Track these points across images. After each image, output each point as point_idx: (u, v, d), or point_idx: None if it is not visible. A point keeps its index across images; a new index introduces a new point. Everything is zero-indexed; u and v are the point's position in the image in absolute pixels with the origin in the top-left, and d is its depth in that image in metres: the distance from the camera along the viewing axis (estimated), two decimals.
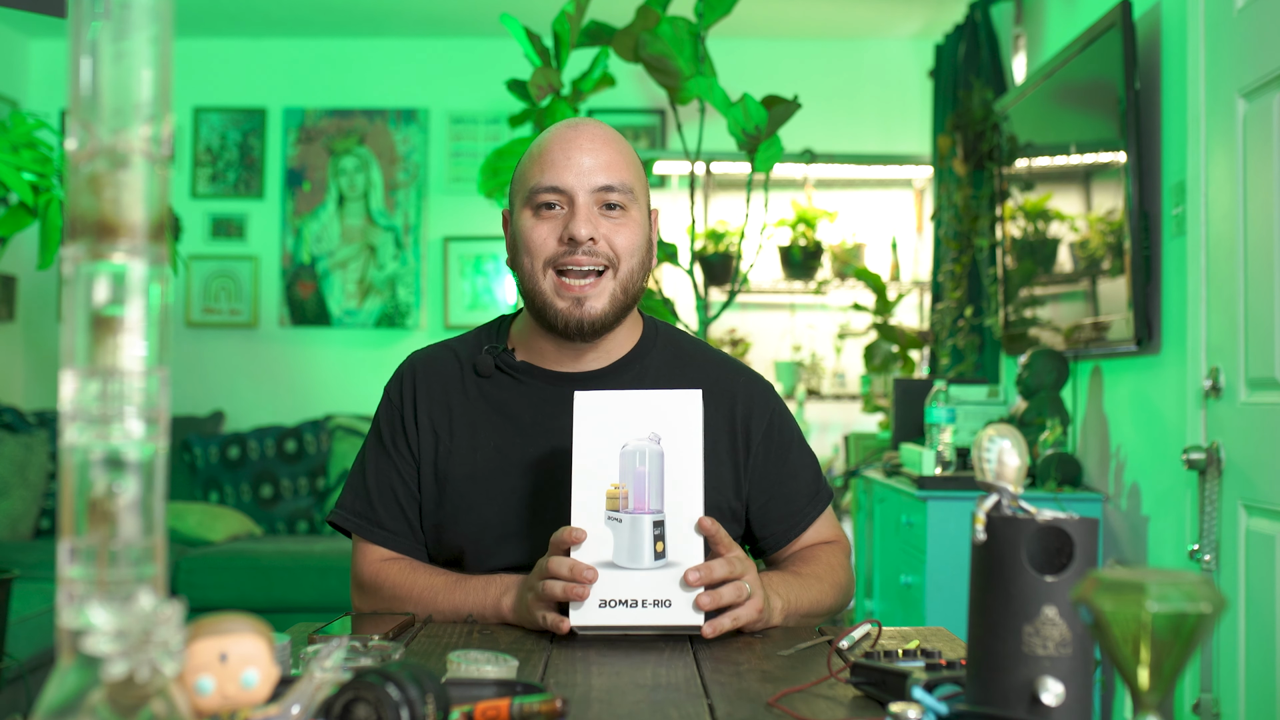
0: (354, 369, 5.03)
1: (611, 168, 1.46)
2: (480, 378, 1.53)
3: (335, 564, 4.07)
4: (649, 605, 1.28)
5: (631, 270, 1.47)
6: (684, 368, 1.56)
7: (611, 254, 1.46)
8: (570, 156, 1.46)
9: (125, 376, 0.62)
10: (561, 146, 1.47)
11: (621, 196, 1.46)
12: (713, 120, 3.86)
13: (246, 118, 5.08)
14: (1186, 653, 0.71)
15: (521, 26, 2.84)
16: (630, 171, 1.48)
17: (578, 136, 1.47)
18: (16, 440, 4.38)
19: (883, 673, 1.06)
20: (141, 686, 0.60)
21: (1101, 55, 3.00)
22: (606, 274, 1.46)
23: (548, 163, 1.46)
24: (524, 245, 1.47)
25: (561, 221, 1.45)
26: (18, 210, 2.14)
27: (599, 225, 1.45)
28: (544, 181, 1.45)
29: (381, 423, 1.57)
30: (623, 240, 1.46)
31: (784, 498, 1.56)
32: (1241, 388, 2.42)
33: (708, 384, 1.49)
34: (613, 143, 1.49)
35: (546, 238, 1.45)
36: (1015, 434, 0.91)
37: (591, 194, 1.45)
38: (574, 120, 1.52)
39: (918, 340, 4.31)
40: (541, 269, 1.46)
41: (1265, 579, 2.31)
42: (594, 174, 1.45)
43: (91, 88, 0.62)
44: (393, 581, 1.49)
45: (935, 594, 3.11)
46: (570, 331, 1.47)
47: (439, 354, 1.58)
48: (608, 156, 1.47)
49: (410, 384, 1.56)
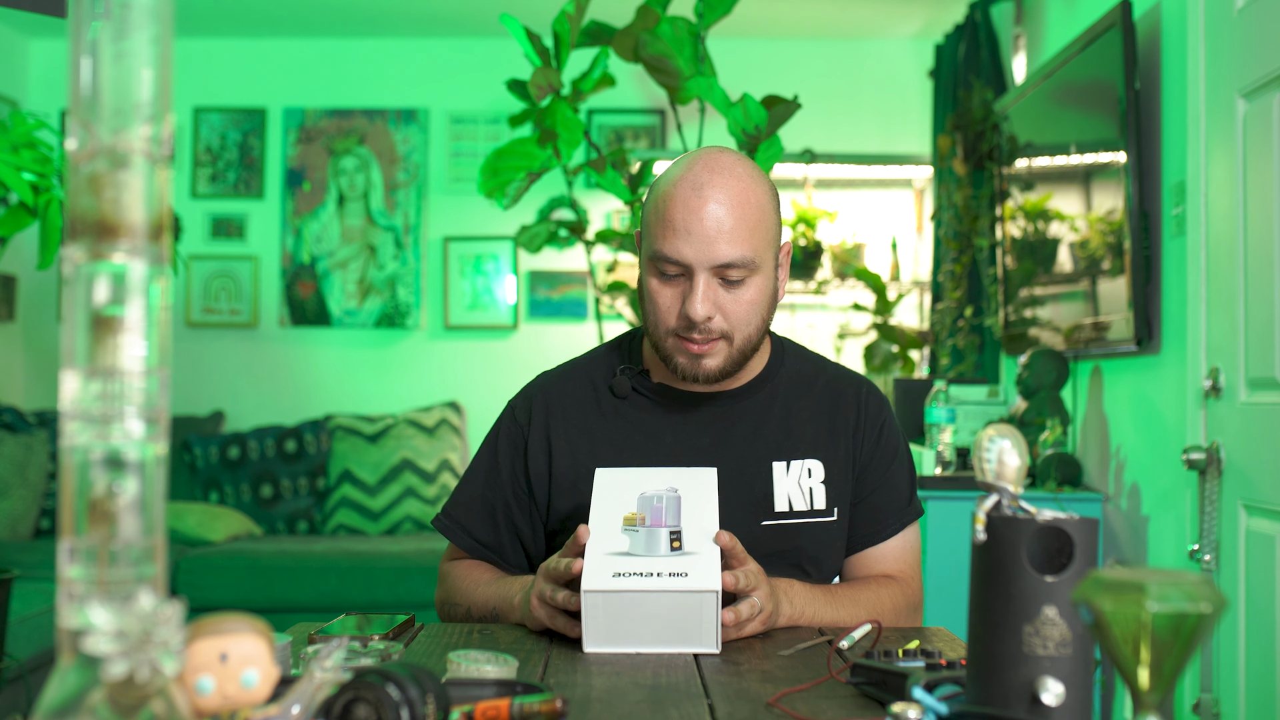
0: (354, 369, 5.03)
1: (735, 240, 1.42)
2: (617, 398, 1.56)
3: (335, 564, 4.07)
4: (663, 574, 1.25)
5: (749, 335, 1.48)
6: (810, 383, 1.59)
7: (727, 326, 1.46)
8: (691, 228, 1.42)
9: (125, 376, 0.62)
10: (684, 214, 1.42)
11: (741, 271, 1.44)
12: (713, 120, 3.86)
13: (246, 118, 5.08)
14: (1186, 653, 0.71)
15: (521, 26, 2.84)
16: (755, 236, 1.44)
17: (701, 204, 1.42)
18: (16, 440, 4.38)
19: (883, 673, 1.06)
20: (141, 686, 0.60)
21: (1101, 55, 3.00)
22: (722, 340, 1.47)
23: (669, 228, 1.43)
24: (649, 302, 1.49)
25: (681, 292, 1.45)
26: (18, 210, 2.14)
27: (717, 297, 1.44)
28: (664, 250, 1.44)
29: (501, 438, 1.60)
30: (741, 311, 1.46)
31: (873, 505, 1.57)
32: (1241, 388, 2.42)
33: (832, 394, 1.58)
34: (738, 206, 1.43)
35: (669, 307, 1.46)
36: (1015, 434, 0.91)
37: (711, 269, 1.43)
38: (700, 177, 1.44)
39: (918, 340, 4.31)
40: (664, 333, 1.48)
41: (1265, 579, 2.31)
42: (715, 248, 1.42)
43: (91, 88, 0.62)
44: (454, 574, 1.58)
45: (935, 594, 3.11)
46: (689, 380, 1.50)
47: (570, 378, 1.61)
48: (731, 226, 1.42)
49: (542, 407, 1.58)
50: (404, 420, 4.75)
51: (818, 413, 1.57)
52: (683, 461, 1.50)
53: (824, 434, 1.55)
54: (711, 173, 1.44)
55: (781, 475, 1.52)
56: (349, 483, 4.67)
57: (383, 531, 4.63)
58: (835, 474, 1.54)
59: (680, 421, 1.54)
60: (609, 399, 1.57)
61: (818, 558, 1.53)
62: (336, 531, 4.64)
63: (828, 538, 1.53)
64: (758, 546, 1.45)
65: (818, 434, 1.55)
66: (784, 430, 1.54)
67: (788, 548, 1.51)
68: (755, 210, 1.45)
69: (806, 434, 1.55)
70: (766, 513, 1.51)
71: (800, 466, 1.52)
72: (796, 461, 1.53)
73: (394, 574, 4.02)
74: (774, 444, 1.53)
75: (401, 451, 4.67)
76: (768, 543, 1.49)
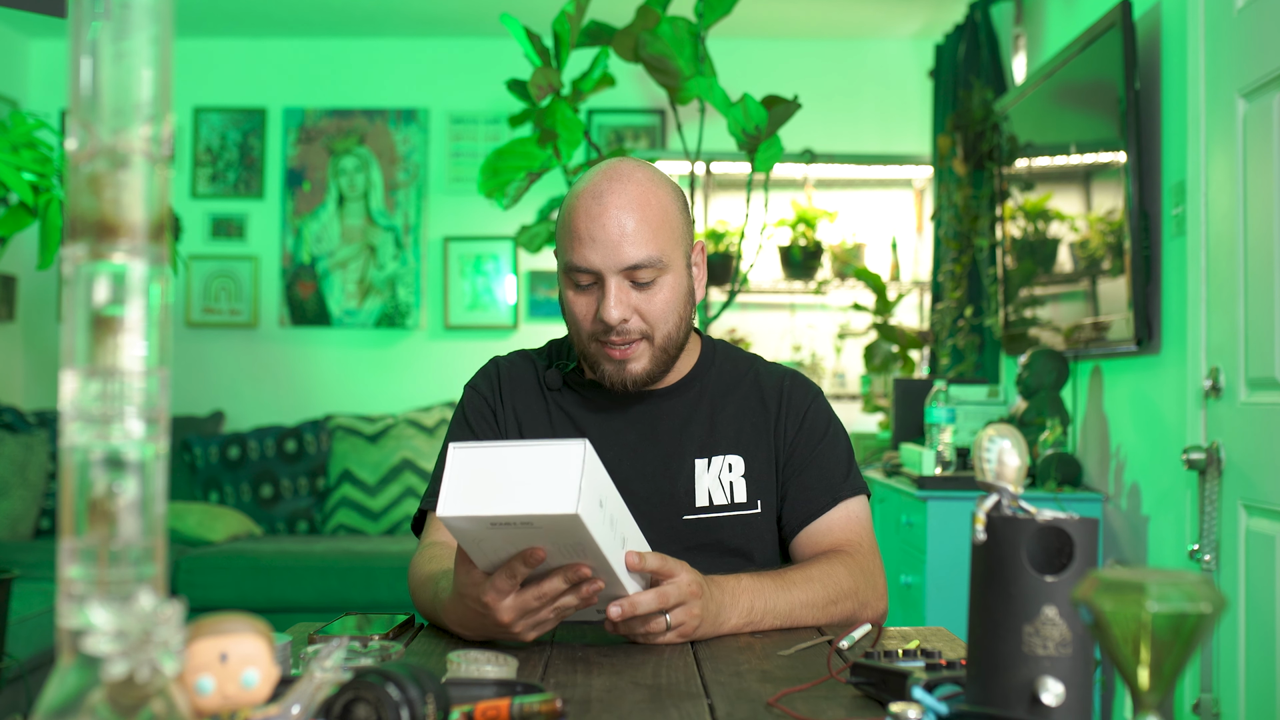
0: (354, 369, 5.03)
1: (639, 241, 1.46)
2: (550, 391, 1.61)
3: (335, 564, 4.07)
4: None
5: (668, 333, 1.51)
6: (739, 381, 1.62)
7: (645, 326, 1.49)
8: (595, 235, 1.46)
9: (125, 376, 0.62)
10: (586, 223, 1.46)
11: (650, 271, 1.47)
12: (713, 120, 3.86)
13: (246, 118, 5.08)
14: (1186, 653, 0.71)
15: (521, 26, 2.84)
16: (660, 236, 1.47)
17: (603, 211, 1.46)
18: (16, 440, 4.38)
19: (883, 673, 1.06)
20: (141, 686, 0.60)
21: (1101, 55, 3.00)
22: (644, 341, 1.50)
23: (576, 239, 1.47)
24: (568, 314, 1.53)
25: (595, 299, 1.48)
26: (18, 210, 2.14)
27: (630, 299, 1.48)
28: (574, 260, 1.47)
29: (467, 411, 1.62)
30: (656, 309, 1.49)
31: (804, 484, 1.57)
32: (1241, 388, 2.42)
33: (757, 390, 1.61)
34: (639, 208, 1.47)
35: (585, 314, 1.50)
36: (1015, 434, 0.91)
37: (620, 273, 1.46)
38: (600, 185, 1.48)
39: (918, 340, 4.31)
40: (586, 340, 1.51)
41: (1265, 579, 2.31)
42: (620, 251, 1.45)
43: (91, 88, 0.62)
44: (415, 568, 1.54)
45: (935, 594, 3.11)
46: (618, 390, 1.53)
47: (520, 361, 1.66)
48: (634, 227, 1.46)
49: (497, 380, 1.62)
50: (404, 420, 4.75)
51: (742, 409, 1.60)
52: (607, 456, 1.45)
53: (747, 429, 1.58)
54: (611, 180, 1.48)
55: (703, 471, 1.55)
56: (349, 483, 4.67)
57: (383, 531, 4.63)
58: (756, 468, 1.57)
59: (607, 419, 1.57)
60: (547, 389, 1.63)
61: (742, 550, 1.55)
62: (336, 531, 4.64)
63: (751, 531, 1.56)
64: (680, 541, 1.48)
65: (740, 430, 1.58)
66: (708, 427, 1.58)
67: (709, 541, 1.53)
68: (657, 212, 1.48)
69: (730, 430, 1.58)
70: (688, 508, 1.54)
71: (721, 462, 1.56)
72: (717, 457, 1.56)
73: (394, 574, 4.01)
74: (698, 441, 1.57)
75: (401, 451, 4.67)
76: (690, 537, 1.52)
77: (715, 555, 1.52)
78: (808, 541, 1.57)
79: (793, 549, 1.59)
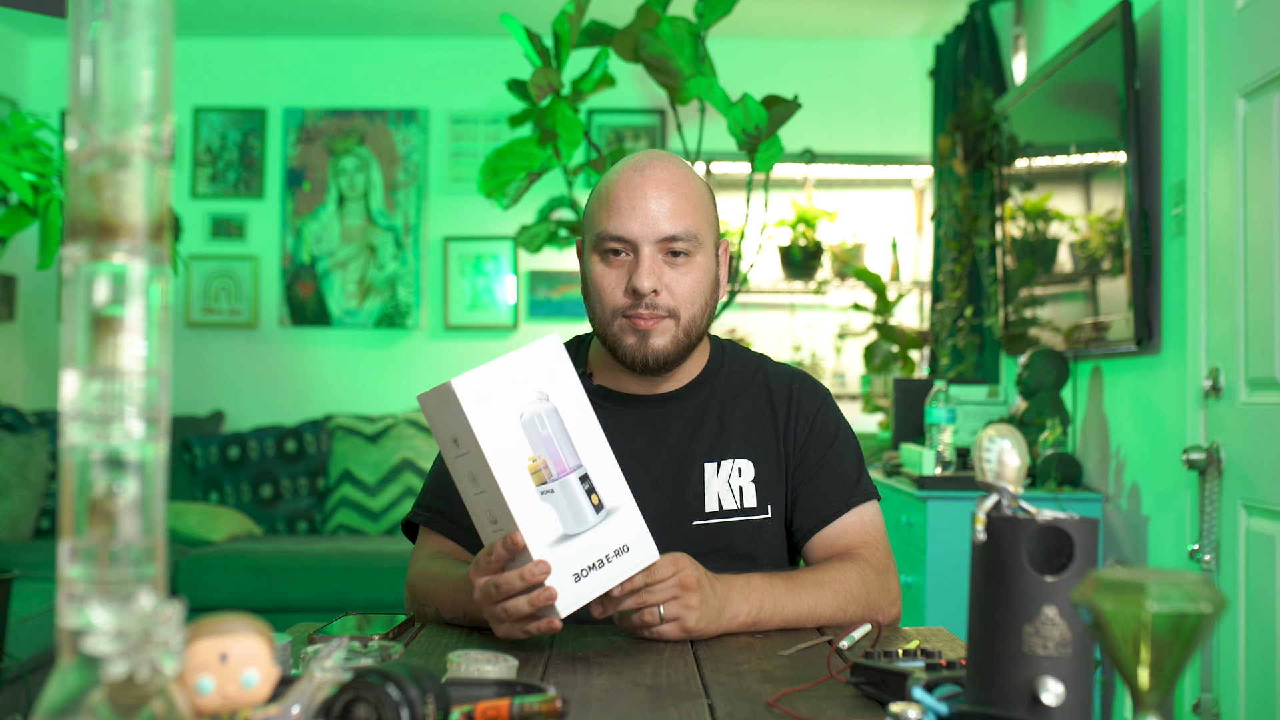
0: (354, 369, 5.03)
1: (677, 214, 1.48)
2: None
3: (335, 564, 4.07)
4: (613, 558, 1.27)
5: (693, 316, 1.52)
6: (748, 383, 1.62)
7: (673, 304, 1.50)
8: (635, 204, 1.48)
9: (125, 376, 0.62)
10: (627, 192, 1.49)
11: (686, 244, 1.49)
12: (713, 120, 3.86)
13: (246, 118, 5.08)
14: (1186, 653, 0.71)
15: (521, 26, 2.84)
16: (697, 215, 1.51)
17: (644, 182, 1.49)
18: (16, 440, 4.38)
19: (883, 673, 1.06)
20: (141, 686, 0.60)
21: (1101, 55, 3.00)
22: (669, 319, 1.51)
23: (614, 209, 1.49)
24: (594, 290, 1.52)
25: (627, 271, 1.49)
26: (18, 210, 2.14)
27: (663, 274, 1.49)
28: (610, 229, 1.49)
29: None
30: (685, 288, 1.50)
31: (815, 490, 1.57)
32: (1241, 388, 2.42)
33: (766, 392, 1.60)
34: (679, 185, 1.50)
35: (614, 287, 1.50)
36: (1015, 434, 0.91)
37: (656, 244, 1.48)
38: (641, 161, 1.52)
39: (918, 340, 4.31)
40: (610, 316, 1.51)
41: (1265, 579, 2.31)
42: (659, 222, 1.48)
43: (91, 88, 0.62)
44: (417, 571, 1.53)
45: (935, 594, 3.11)
46: (638, 367, 1.53)
47: None
48: (673, 202, 1.49)
49: None
50: (404, 420, 4.75)
51: (751, 412, 1.60)
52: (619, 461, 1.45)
53: (756, 433, 1.58)
54: (652, 159, 1.52)
55: (712, 475, 1.55)
56: (349, 483, 4.67)
57: (383, 531, 4.63)
58: (766, 472, 1.56)
59: (617, 424, 1.53)
60: None
61: (752, 555, 1.55)
62: (336, 531, 4.64)
63: (761, 535, 1.55)
64: (690, 546, 1.47)
65: (750, 433, 1.58)
66: (718, 431, 1.57)
67: (719, 546, 1.53)
68: (695, 193, 1.52)
69: (739, 434, 1.57)
70: (698, 513, 1.54)
71: (730, 466, 1.55)
72: (727, 461, 1.56)
73: (394, 574, 4.01)
74: (707, 445, 1.56)
75: (401, 451, 4.67)
76: (700, 542, 1.52)
77: (725, 560, 1.51)
78: (821, 546, 1.57)
79: (805, 554, 1.59)
